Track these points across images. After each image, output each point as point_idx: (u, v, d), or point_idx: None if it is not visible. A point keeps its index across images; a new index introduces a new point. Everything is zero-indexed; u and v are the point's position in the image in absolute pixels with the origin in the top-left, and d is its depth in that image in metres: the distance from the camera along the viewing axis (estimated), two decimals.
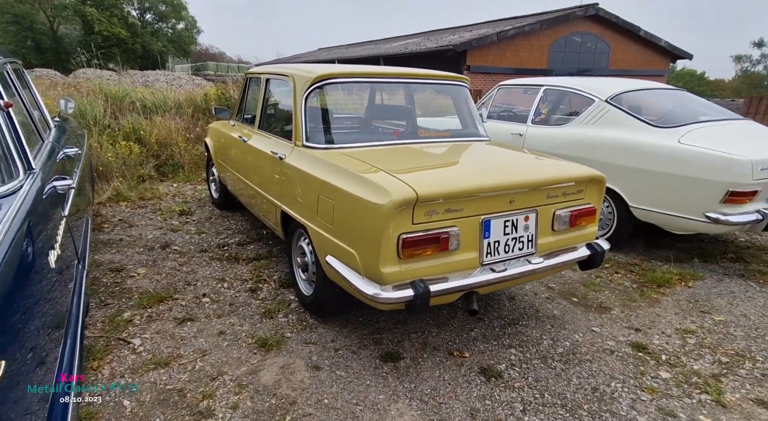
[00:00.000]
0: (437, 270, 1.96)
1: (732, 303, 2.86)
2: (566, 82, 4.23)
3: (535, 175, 2.17)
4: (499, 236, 2.10)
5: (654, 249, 3.77)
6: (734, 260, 3.53)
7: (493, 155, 2.61)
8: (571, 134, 3.87)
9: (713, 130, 3.36)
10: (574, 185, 2.28)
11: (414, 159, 2.39)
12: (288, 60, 32.94)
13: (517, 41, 18.40)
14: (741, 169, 2.90)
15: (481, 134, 2.99)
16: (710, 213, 3.04)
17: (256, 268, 3.20)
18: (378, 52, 22.81)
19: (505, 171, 2.23)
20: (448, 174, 2.12)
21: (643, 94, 4.04)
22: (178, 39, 42.70)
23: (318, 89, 2.59)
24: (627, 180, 3.46)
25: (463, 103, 3.11)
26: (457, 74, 3.07)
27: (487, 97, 4.89)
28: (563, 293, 2.98)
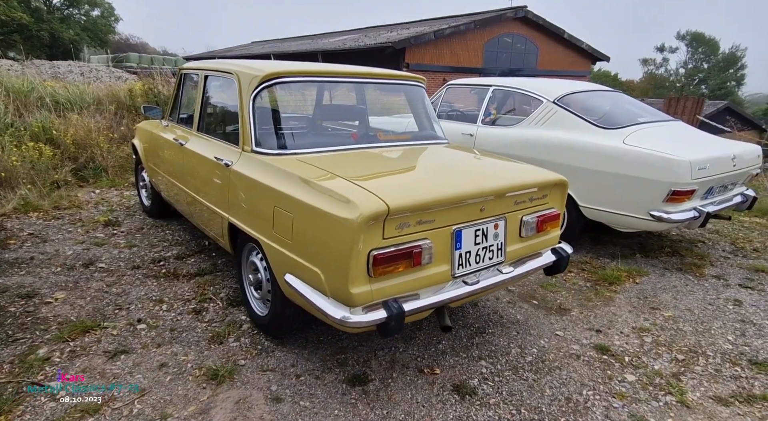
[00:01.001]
0: (409, 287, 1.82)
1: (676, 297, 3.01)
2: (514, 82, 4.27)
3: (505, 181, 2.10)
4: (470, 246, 2.00)
5: (600, 246, 3.91)
6: (671, 254, 3.74)
7: (458, 160, 2.52)
8: (522, 135, 3.91)
9: (652, 132, 3.53)
10: (538, 190, 2.24)
11: (378, 166, 2.23)
12: (219, 53, 31.29)
13: (454, 40, 18.78)
14: (681, 169, 3.05)
15: (439, 137, 2.89)
16: (654, 211, 3.18)
17: (200, 285, 2.88)
18: (315, 47, 22.29)
19: (476, 177, 2.14)
20: (418, 182, 1.98)
21: (587, 96, 4.17)
22: (94, 27, 39.03)
23: (267, 89, 2.35)
24: (576, 180, 3.53)
25: (420, 104, 2.99)
26: (414, 74, 2.95)
27: (436, 97, 4.84)
28: (523, 296, 2.97)
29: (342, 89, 3.41)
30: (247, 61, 2.79)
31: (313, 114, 3.06)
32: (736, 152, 3.38)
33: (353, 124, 3.26)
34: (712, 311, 2.83)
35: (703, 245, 4.00)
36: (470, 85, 4.68)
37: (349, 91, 3.35)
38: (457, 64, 19.12)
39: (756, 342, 2.48)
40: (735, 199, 3.58)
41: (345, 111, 3.27)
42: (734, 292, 3.10)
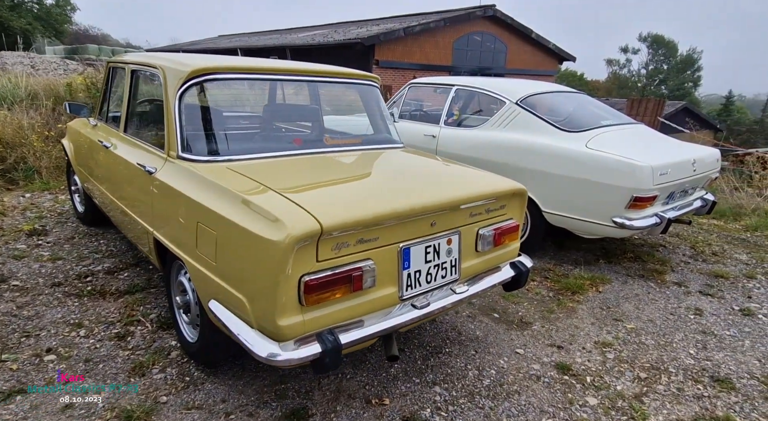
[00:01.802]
0: (350, 314, 1.62)
1: (639, 307, 2.92)
2: (477, 82, 4.12)
3: (459, 191, 1.91)
4: (420, 265, 1.81)
5: (563, 251, 3.81)
6: (633, 260, 3.68)
7: (411, 167, 2.32)
8: (484, 137, 3.76)
9: (615, 135, 3.44)
10: (496, 201, 2.08)
11: (319, 175, 2.00)
12: (185, 46, 30.19)
13: (423, 38, 18.68)
14: (643, 175, 2.96)
15: (394, 140, 2.69)
16: (617, 218, 3.08)
17: (129, 304, 2.58)
18: (284, 42, 21.79)
19: (427, 188, 1.94)
20: (360, 195, 1.77)
21: (550, 97, 4.06)
22: (48, 16, 36.88)
23: (196, 86, 2.08)
24: (539, 185, 3.42)
25: (374, 105, 2.78)
26: (367, 73, 2.73)
27: (398, 96, 4.64)
28: (484, 309, 2.82)
29: (293, 88, 3.17)
30: (177, 54, 2.50)
31: (254, 116, 2.80)
32: (696, 157, 3.33)
33: (306, 126, 3.03)
34: (674, 321, 2.75)
35: (664, 249, 3.97)
36: (433, 85, 4.50)
37: (301, 90, 3.11)
38: (427, 61, 19.04)
39: (717, 356, 2.40)
40: (695, 203, 3.54)
41: (294, 112, 3.02)
42: (695, 300, 3.04)
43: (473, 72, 20.39)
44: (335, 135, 2.71)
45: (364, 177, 2.06)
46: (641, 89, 49.09)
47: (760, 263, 3.69)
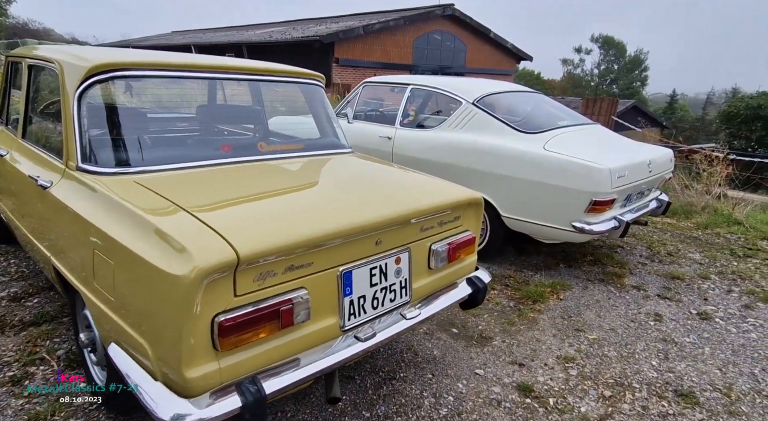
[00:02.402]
0: (280, 354, 1.37)
1: (600, 315, 2.82)
2: (433, 81, 3.94)
3: (408, 204, 1.70)
4: (365, 290, 1.59)
5: (523, 256, 3.70)
6: (593, 263, 3.62)
7: (356, 177, 2.08)
8: (441, 139, 3.59)
9: (572, 136, 3.35)
10: (450, 212, 1.89)
11: (245, 189, 1.73)
12: (134, 42, 28.67)
13: (383, 36, 18.52)
14: (602, 177, 2.87)
15: (341, 145, 2.45)
16: (576, 223, 2.98)
17: (32, 338, 2.22)
18: (240, 39, 21.09)
19: (372, 201, 1.71)
20: (292, 213, 1.51)
21: (507, 97, 3.95)
22: None
23: (100, 84, 1.77)
24: (497, 188, 3.28)
25: (319, 106, 2.54)
26: (310, 71, 2.48)
27: (353, 95, 4.40)
28: (443, 324, 2.63)
29: (234, 88, 2.88)
30: (82, 47, 2.17)
31: (182, 119, 2.49)
32: (651, 157, 3.29)
33: (247, 129, 2.75)
34: (635, 329, 2.67)
35: (622, 250, 3.94)
36: (388, 84, 4.30)
37: (242, 90, 2.83)
38: (387, 60, 18.89)
39: (679, 366, 2.32)
40: (651, 204, 3.51)
41: (233, 114, 2.73)
42: (654, 304, 2.98)
43: (434, 71, 20.42)
44: (275, 140, 2.44)
45: (299, 190, 1.80)
46: (594, 88, 51.05)
47: (712, 263, 3.71)
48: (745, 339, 2.59)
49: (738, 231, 4.42)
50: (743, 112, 14.82)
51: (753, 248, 4.04)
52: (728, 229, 4.49)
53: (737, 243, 4.15)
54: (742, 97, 17.36)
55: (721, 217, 4.74)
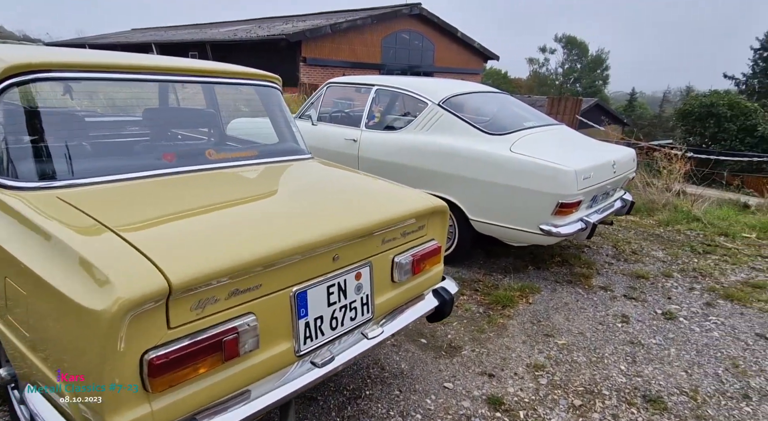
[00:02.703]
0: (226, 388, 1.24)
1: (569, 318, 2.80)
2: (398, 82, 3.85)
3: (367, 216, 1.59)
4: (322, 309, 1.47)
5: (492, 259, 3.67)
6: (561, 264, 3.61)
7: (313, 186, 1.95)
8: (406, 141, 3.50)
9: (538, 138, 3.33)
10: (414, 222, 1.79)
11: (184, 205, 1.56)
12: (90, 40, 27.40)
13: (351, 35, 18.37)
14: (568, 179, 2.84)
15: (300, 150, 2.31)
16: (543, 225, 2.95)
17: None
18: (204, 37, 20.50)
19: (327, 214, 1.59)
20: (236, 231, 1.37)
21: (473, 98, 3.90)
22: None
23: (17, 87, 1.57)
24: (465, 191, 3.22)
25: (276, 109, 2.39)
26: (265, 72, 2.33)
27: (316, 97, 4.26)
28: (411, 334, 2.54)
29: (188, 90, 2.70)
30: (4, 46, 1.95)
31: (122, 124, 2.30)
32: (615, 158, 3.30)
33: (201, 133, 2.58)
34: (603, 332, 2.66)
35: (589, 250, 3.96)
36: (352, 85, 4.18)
37: (197, 92, 2.65)
38: (356, 59, 18.75)
39: (647, 370, 2.31)
40: (616, 204, 3.54)
41: (185, 118, 2.55)
42: (620, 305, 2.99)
43: (403, 70, 20.42)
44: (231, 146, 2.28)
45: (247, 203, 1.66)
46: (559, 87, 52.41)
47: (674, 260, 3.78)
48: (708, 338, 2.62)
49: (697, 228, 4.54)
50: (697, 110, 15.46)
51: (711, 244, 4.14)
52: (688, 225, 4.61)
53: (697, 240, 4.26)
54: (696, 96, 18.12)
55: (681, 214, 4.86)
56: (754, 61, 28.85)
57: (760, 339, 2.62)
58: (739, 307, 3.01)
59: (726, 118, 14.95)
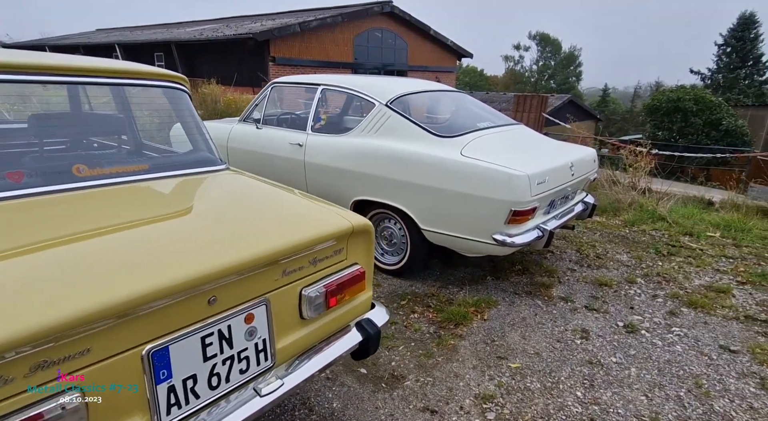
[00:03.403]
0: None
1: (525, 336, 2.59)
2: (345, 81, 3.58)
3: (257, 246, 1.31)
4: (195, 367, 1.19)
5: (450, 270, 3.44)
6: (521, 273, 3.41)
7: (202, 208, 1.62)
8: (353, 145, 3.24)
9: (492, 139, 3.11)
10: (329, 246, 1.53)
11: (7, 241, 1.22)
12: (52, 41, 26.27)
13: (322, 33, 18.00)
14: (521, 185, 2.63)
15: (211, 160, 2.02)
16: (497, 235, 2.73)
17: None
18: (169, 37, 19.82)
19: (199, 247, 1.28)
20: (58, 277, 1.05)
21: (426, 97, 3.67)
22: None
23: None
24: (414, 199, 2.97)
25: (187, 115, 2.10)
26: (168, 71, 2.03)
27: (260, 98, 3.96)
28: (350, 364, 2.28)
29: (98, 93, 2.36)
30: None
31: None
32: (573, 159, 3.11)
33: (109, 143, 2.26)
34: (561, 351, 2.45)
35: (552, 255, 3.77)
36: (298, 84, 3.88)
37: (105, 95, 2.32)
38: (327, 58, 18.40)
39: (605, 396, 2.10)
40: (576, 208, 3.35)
41: (82, 124, 2.22)
42: (581, 318, 2.79)
43: (377, 69, 20.16)
44: (99, 162, 1.94)
45: (97, 237, 1.28)
46: (534, 84, 52.98)
47: (638, 264, 3.62)
48: (670, 353, 2.44)
49: (662, 227, 4.41)
50: (665, 105, 15.69)
51: (676, 244, 4.01)
52: (653, 225, 4.48)
53: (661, 241, 4.12)
54: (663, 91, 18.43)
55: (646, 213, 4.74)
56: (718, 56, 29.69)
57: (724, 352, 2.46)
58: (703, 315, 2.85)
59: (692, 113, 15.21)
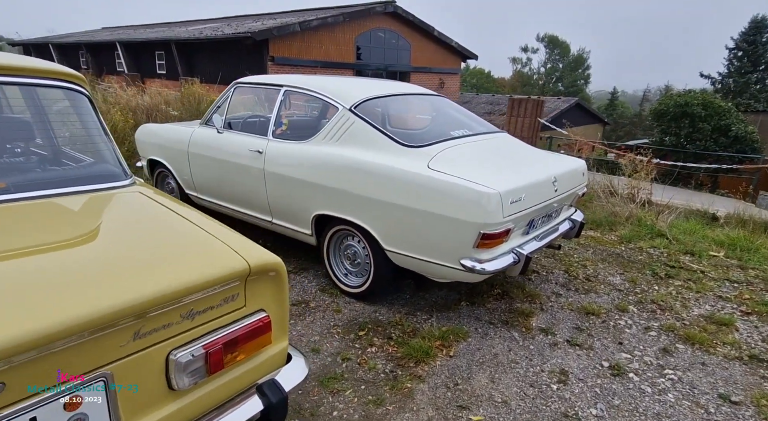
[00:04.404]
0: None
1: (494, 378, 2.25)
2: (309, 82, 3.25)
3: (86, 304, 0.98)
4: None
5: (421, 293, 3.10)
6: (500, 297, 3.07)
7: (53, 244, 1.30)
8: (312, 154, 2.91)
9: (465, 150, 2.77)
10: (216, 292, 1.20)
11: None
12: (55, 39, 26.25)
13: (322, 33, 17.75)
14: (491, 205, 2.28)
15: (111, 175, 1.70)
16: (465, 260, 2.39)
17: None
18: (170, 36, 19.67)
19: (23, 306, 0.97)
20: None
21: (397, 102, 3.34)
22: None
23: None
24: (376, 216, 2.65)
25: (88, 119, 1.78)
26: (64, 69, 1.72)
27: (223, 99, 3.65)
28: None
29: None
30: None
31: None
32: (557, 173, 2.76)
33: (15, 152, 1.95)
34: (533, 399, 2.11)
35: (537, 276, 3.42)
36: (261, 85, 3.57)
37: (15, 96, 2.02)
38: (327, 58, 18.14)
39: None
40: (562, 227, 3.00)
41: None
42: (561, 355, 2.45)
43: (379, 70, 19.86)
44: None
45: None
46: (541, 87, 52.45)
47: (632, 288, 3.26)
48: (661, 404, 2.09)
49: (661, 245, 4.04)
50: (672, 109, 15.20)
51: (675, 265, 3.64)
52: (651, 242, 4.11)
53: (659, 260, 3.76)
54: (670, 95, 17.91)
55: (644, 228, 4.37)
56: (729, 60, 29.09)
57: (724, 403, 2.11)
58: (701, 354, 2.49)
59: (700, 118, 14.73)
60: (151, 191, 1.71)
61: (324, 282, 3.16)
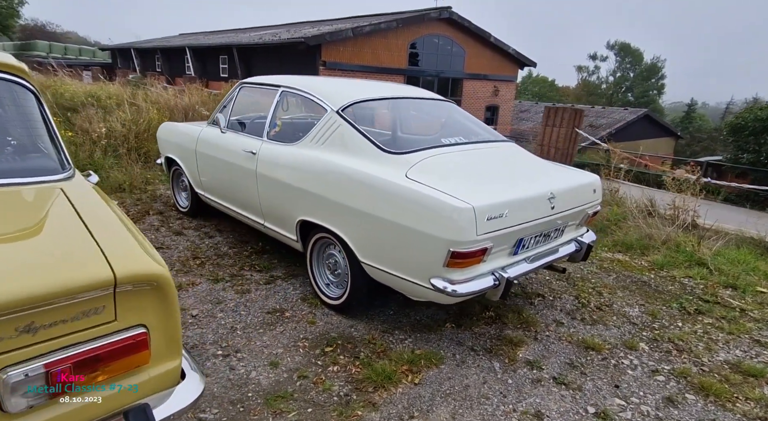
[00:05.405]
0: None
1: (455, 414, 2.00)
2: (304, 83, 3.16)
3: None
4: None
5: (407, 309, 2.88)
6: (491, 321, 2.78)
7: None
8: (298, 157, 2.81)
9: (451, 159, 2.53)
10: (78, 301, 1.10)
11: None
12: (136, 44, 28.61)
13: (375, 39, 17.87)
14: (462, 220, 2.05)
15: (46, 169, 1.67)
16: (435, 280, 2.17)
17: None
18: (232, 41, 20.76)
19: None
20: None
21: (393, 105, 3.16)
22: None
23: None
24: (352, 225, 2.49)
25: (27, 113, 1.78)
26: (6, 60, 1.72)
27: (228, 99, 3.66)
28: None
29: None
30: None
31: None
32: (555, 189, 2.45)
33: None
34: None
35: (542, 301, 3.09)
36: (262, 86, 3.53)
37: None
38: (378, 63, 18.23)
39: None
40: (564, 249, 2.67)
41: None
42: (541, 394, 2.15)
43: (431, 76, 19.68)
44: None
45: None
46: (609, 96, 49.67)
47: (650, 323, 2.84)
48: None
49: (698, 275, 3.52)
50: (751, 124, 13.65)
51: (711, 299, 3.15)
52: (687, 271, 3.60)
53: (693, 292, 3.27)
54: (750, 108, 16.09)
55: (682, 254, 3.85)
56: None
57: None
58: (714, 408, 2.08)
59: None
60: (80, 187, 1.66)
61: (308, 291, 3.04)
